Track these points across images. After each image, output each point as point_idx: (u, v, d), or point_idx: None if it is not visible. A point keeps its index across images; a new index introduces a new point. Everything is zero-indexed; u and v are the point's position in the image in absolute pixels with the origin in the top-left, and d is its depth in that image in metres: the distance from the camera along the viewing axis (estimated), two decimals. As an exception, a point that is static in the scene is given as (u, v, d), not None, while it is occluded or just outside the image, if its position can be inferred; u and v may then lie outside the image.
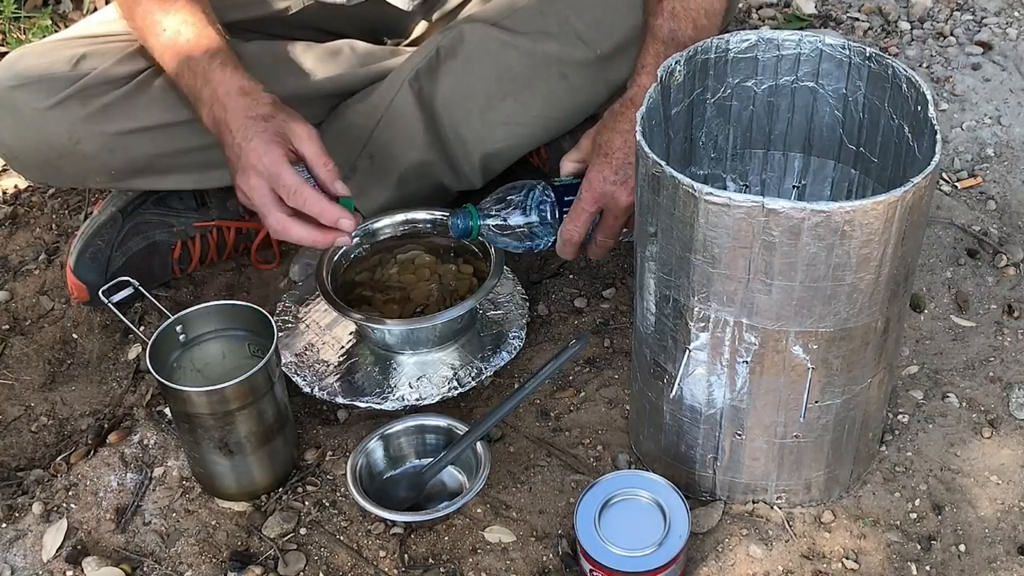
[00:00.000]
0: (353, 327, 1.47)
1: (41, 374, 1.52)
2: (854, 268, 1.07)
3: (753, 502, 1.30)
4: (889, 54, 1.65)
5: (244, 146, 1.27)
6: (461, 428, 1.32)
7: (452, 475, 1.33)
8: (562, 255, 1.37)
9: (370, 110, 1.55)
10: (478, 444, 1.30)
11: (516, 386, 1.42)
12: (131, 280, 1.46)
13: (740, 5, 2.12)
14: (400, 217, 1.53)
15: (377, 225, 1.52)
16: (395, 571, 1.25)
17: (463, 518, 1.29)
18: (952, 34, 2.05)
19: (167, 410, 1.41)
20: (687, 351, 1.18)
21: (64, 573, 1.27)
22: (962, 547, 1.26)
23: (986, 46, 2.01)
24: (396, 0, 1.58)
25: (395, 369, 1.43)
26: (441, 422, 1.34)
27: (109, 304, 1.42)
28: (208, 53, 1.32)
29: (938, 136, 1.09)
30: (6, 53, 1.99)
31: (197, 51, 1.33)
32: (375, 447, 1.33)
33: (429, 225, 1.54)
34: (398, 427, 1.34)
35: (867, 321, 1.12)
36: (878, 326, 1.14)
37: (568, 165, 1.38)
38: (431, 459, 1.32)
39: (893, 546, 1.26)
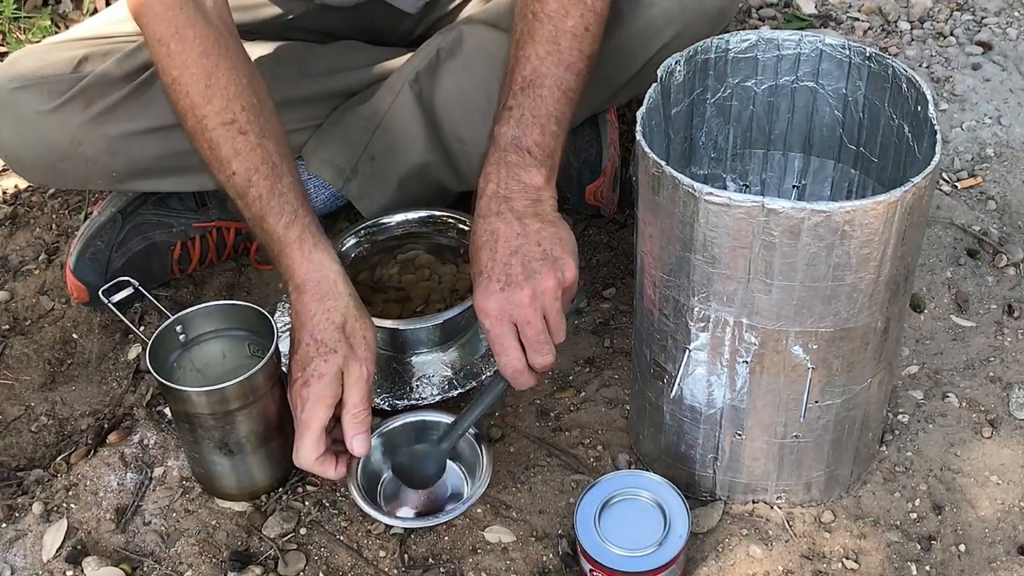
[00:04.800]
0: (353, 327, 1.47)
1: (41, 374, 1.52)
2: (854, 268, 1.07)
3: (753, 502, 1.30)
4: (889, 54, 1.64)
5: (304, 375, 1.19)
6: (461, 428, 1.33)
7: (453, 476, 1.33)
8: (524, 387, 1.24)
9: (371, 112, 1.55)
10: (480, 446, 1.30)
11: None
12: (131, 280, 1.45)
13: (740, 5, 2.12)
14: (400, 217, 1.54)
15: (377, 225, 1.53)
16: (395, 571, 1.25)
17: (463, 518, 1.29)
18: (952, 34, 2.05)
19: (167, 410, 1.41)
20: (687, 351, 1.18)
21: (64, 573, 1.27)
22: (962, 547, 1.26)
23: (986, 46, 2.01)
24: (401, 4, 1.58)
25: (395, 369, 1.43)
26: (441, 418, 1.34)
27: (109, 304, 1.42)
28: (284, 223, 1.22)
29: (938, 136, 1.09)
30: (6, 54, 2.00)
31: (271, 214, 1.22)
32: (375, 446, 1.33)
33: (429, 225, 1.54)
34: (398, 425, 1.34)
35: (867, 321, 1.12)
36: (878, 326, 1.14)
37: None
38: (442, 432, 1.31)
39: (893, 546, 1.26)
